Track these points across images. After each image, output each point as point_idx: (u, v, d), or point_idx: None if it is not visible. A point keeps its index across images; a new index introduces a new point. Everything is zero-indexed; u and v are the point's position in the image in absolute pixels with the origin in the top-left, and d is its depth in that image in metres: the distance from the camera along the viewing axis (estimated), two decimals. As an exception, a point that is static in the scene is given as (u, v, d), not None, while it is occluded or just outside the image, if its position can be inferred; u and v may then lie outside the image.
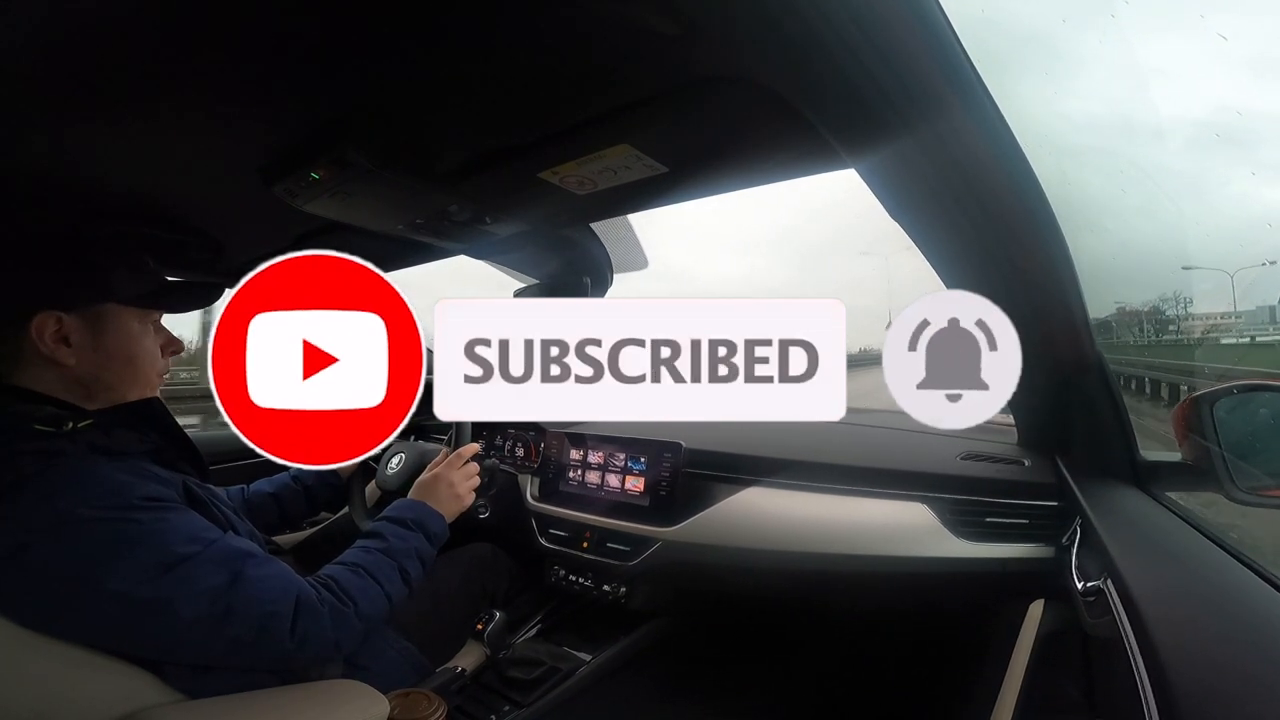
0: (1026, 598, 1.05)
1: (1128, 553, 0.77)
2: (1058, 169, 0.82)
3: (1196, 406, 0.97)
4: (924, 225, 0.89)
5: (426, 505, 1.11)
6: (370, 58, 0.74)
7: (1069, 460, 1.13)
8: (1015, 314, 0.75)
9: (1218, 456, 0.93)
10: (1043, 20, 1.50)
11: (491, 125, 0.89)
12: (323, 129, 0.87)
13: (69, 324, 0.83)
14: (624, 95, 0.80)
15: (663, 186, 1.03)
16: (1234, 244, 10.07)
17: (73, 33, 0.64)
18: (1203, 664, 0.56)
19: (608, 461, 1.49)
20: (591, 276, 1.53)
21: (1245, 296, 6.23)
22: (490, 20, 0.67)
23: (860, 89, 0.65)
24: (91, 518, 0.74)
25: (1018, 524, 1.13)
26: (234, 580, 0.80)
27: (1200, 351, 6.36)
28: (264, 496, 1.32)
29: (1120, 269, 4.23)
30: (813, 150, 0.88)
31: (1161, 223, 6.04)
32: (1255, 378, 1.08)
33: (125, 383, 0.89)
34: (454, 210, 1.10)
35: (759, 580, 1.32)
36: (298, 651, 0.84)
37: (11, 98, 0.76)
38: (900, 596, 1.29)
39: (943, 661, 1.37)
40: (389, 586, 0.96)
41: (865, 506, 1.21)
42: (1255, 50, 40.01)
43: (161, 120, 0.84)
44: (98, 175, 0.99)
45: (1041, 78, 1.14)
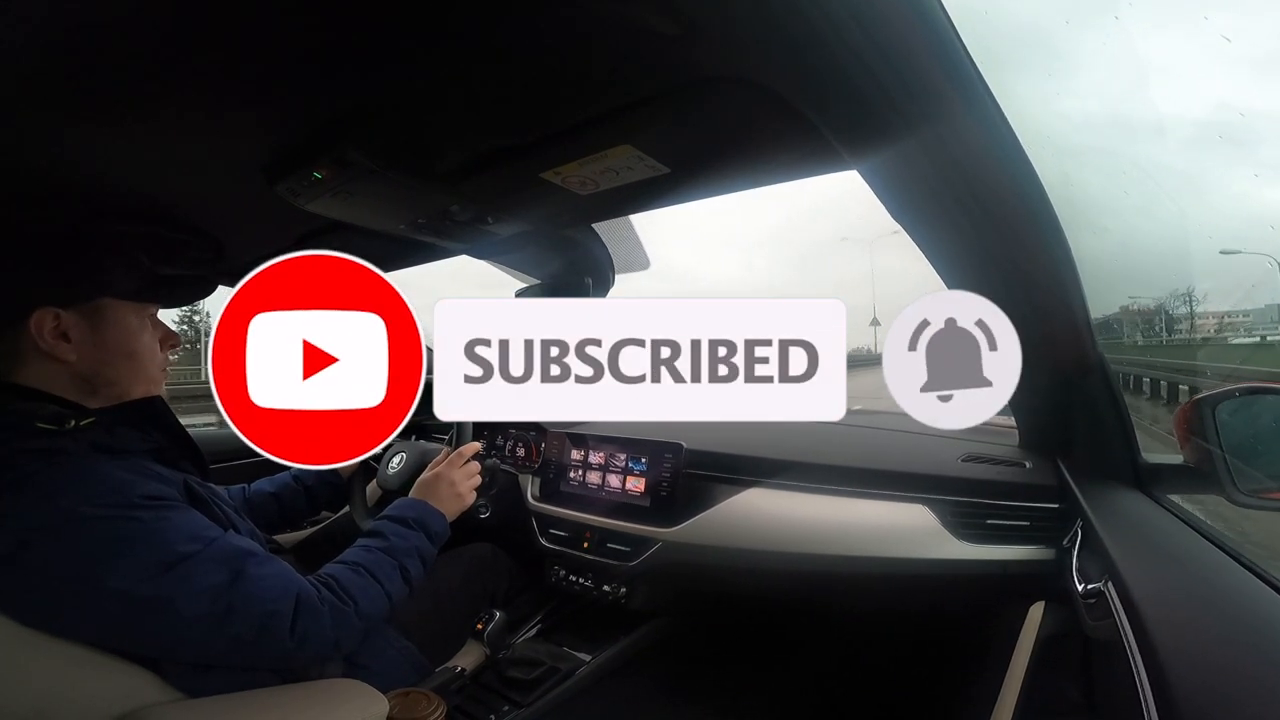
0: (1027, 600, 1.05)
1: (1128, 555, 0.77)
2: (1059, 169, 0.82)
3: (1198, 409, 0.96)
4: (926, 226, 0.89)
5: (428, 504, 1.10)
6: (373, 57, 0.74)
7: (1070, 462, 1.12)
8: (1016, 314, 0.75)
9: (1219, 459, 0.93)
10: (1045, 19, 1.51)
11: (493, 125, 0.90)
12: (325, 128, 0.87)
13: (67, 319, 0.84)
14: (625, 96, 0.80)
15: (664, 187, 1.03)
16: (1236, 243, 9.97)
17: (75, 32, 0.65)
18: (1203, 666, 0.56)
19: (608, 462, 1.49)
20: (593, 277, 1.53)
21: (1248, 297, 6.14)
22: (492, 21, 0.67)
23: (861, 88, 0.65)
24: (93, 516, 0.74)
25: (1018, 526, 1.12)
26: (235, 579, 0.80)
27: (1206, 351, 6.31)
28: (265, 495, 1.32)
29: (1122, 269, 4.13)
30: (814, 151, 0.88)
31: (1163, 222, 5.92)
32: (1260, 379, 1.08)
33: (127, 378, 0.89)
34: (456, 210, 1.10)
35: (759, 581, 1.32)
36: (298, 650, 0.84)
37: (13, 97, 0.76)
38: (900, 598, 1.28)
39: (943, 663, 1.37)
40: (389, 585, 0.96)
41: (866, 508, 1.21)
42: (1259, 48, 38.81)
43: (164, 120, 0.84)
44: (99, 175, 0.99)
45: (1044, 77, 1.14)
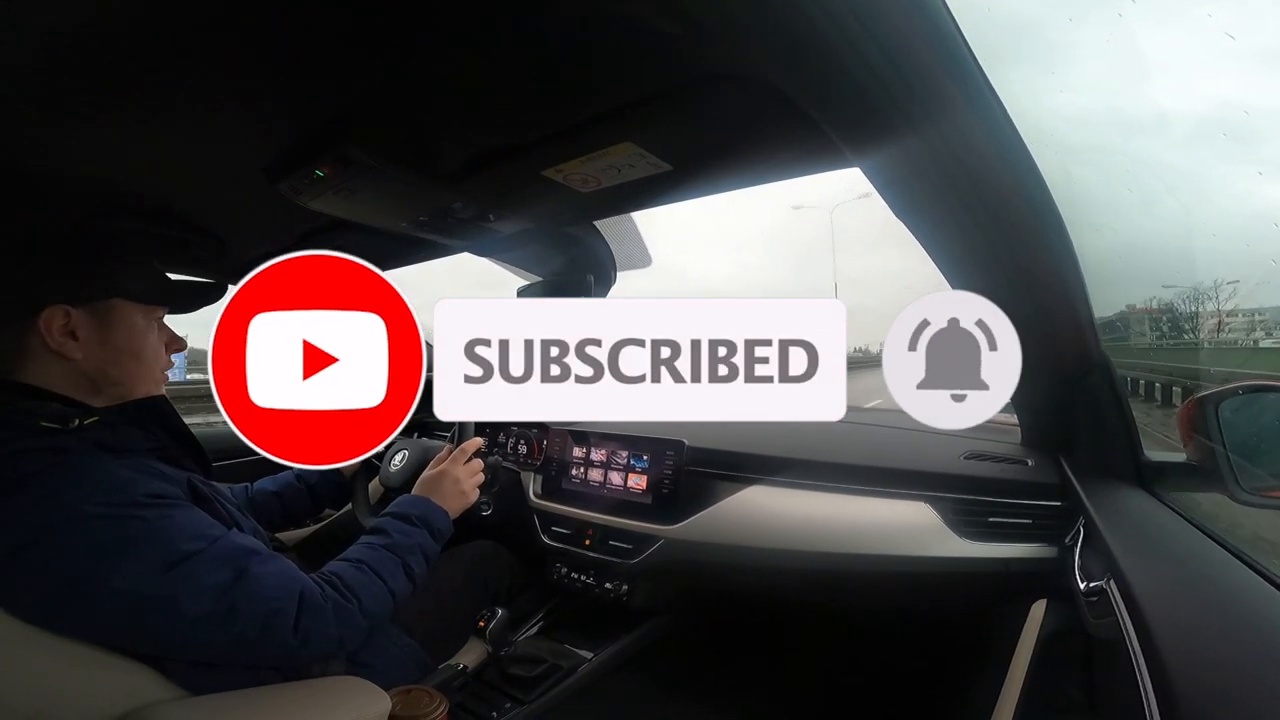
0: (1029, 597, 1.05)
1: (1131, 553, 0.77)
2: (1062, 167, 0.81)
3: (1201, 407, 0.96)
4: (928, 224, 0.89)
5: (431, 501, 1.10)
6: (374, 55, 0.74)
7: (1073, 460, 1.12)
8: (1019, 312, 0.75)
9: (1222, 457, 0.92)
10: (1048, 16, 1.49)
11: (495, 123, 0.90)
12: (327, 126, 0.87)
13: (76, 318, 0.84)
14: (627, 93, 0.80)
15: (666, 184, 1.02)
16: (1241, 243, 9.86)
17: (80, 33, 0.65)
18: (1205, 664, 0.56)
19: (610, 459, 1.49)
20: (595, 274, 1.52)
21: (1251, 296, 6.08)
22: (494, 18, 0.67)
23: (863, 85, 0.65)
24: (96, 514, 0.74)
25: (1021, 524, 1.12)
26: (238, 577, 0.80)
27: (1215, 354, 6.29)
28: (267, 494, 1.32)
29: (1125, 268, 4.11)
30: (816, 148, 0.88)
31: (1165, 221, 5.81)
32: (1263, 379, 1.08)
33: (132, 378, 0.90)
34: (458, 207, 1.10)
35: (761, 579, 1.32)
36: (301, 648, 0.84)
37: (21, 97, 0.76)
38: (902, 596, 1.28)
39: (944, 661, 1.37)
40: (393, 583, 0.96)
41: (868, 506, 1.21)
42: (1264, 44, 38.72)
43: (167, 119, 0.85)
44: (104, 173, 1.00)
45: (1046, 74, 1.13)
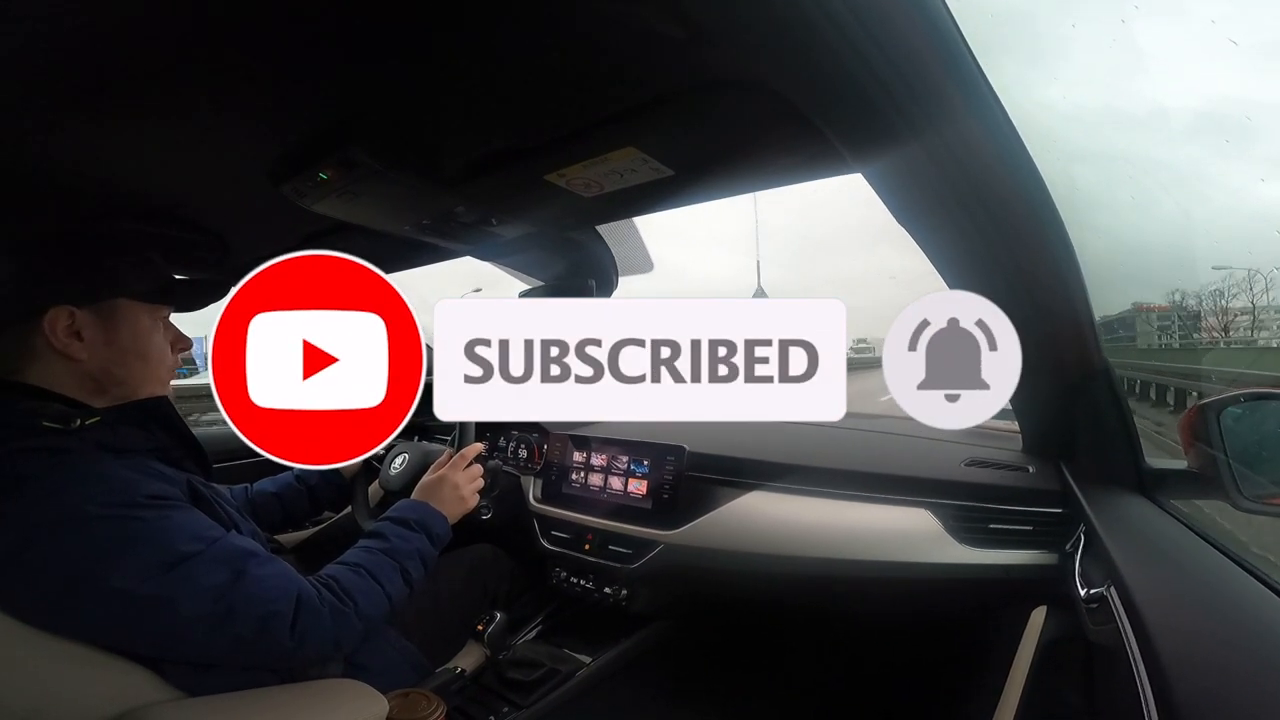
0: (1029, 604, 1.04)
1: (1131, 560, 0.77)
2: (1064, 170, 0.82)
3: (1203, 414, 0.96)
4: (929, 227, 0.89)
5: (429, 506, 1.10)
6: (378, 59, 0.74)
7: (1074, 467, 1.12)
8: (1020, 318, 0.75)
9: (1224, 465, 0.92)
10: (1052, 20, 1.48)
11: (498, 127, 0.90)
12: (330, 130, 0.88)
13: (81, 318, 0.84)
14: (630, 98, 0.81)
15: (668, 189, 1.03)
16: (1242, 243, 9.87)
17: (84, 34, 0.65)
18: (1205, 671, 0.55)
19: (610, 464, 1.49)
20: (597, 279, 1.53)
21: (1257, 296, 6.01)
22: (498, 22, 0.68)
23: (865, 91, 0.65)
24: (96, 515, 0.75)
25: (1021, 530, 1.12)
26: (236, 579, 0.80)
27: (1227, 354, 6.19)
28: (267, 496, 1.32)
29: (1128, 269, 4.08)
30: (818, 154, 0.88)
31: (1166, 221, 5.88)
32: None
33: (137, 378, 0.90)
34: (460, 211, 1.10)
35: (761, 585, 1.31)
36: (298, 650, 0.84)
37: (26, 99, 0.77)
38: (902, 602, 1.28)
39: (944, 667, 1.37)
40: (390, 587, 0.96)
41: (868, 512, 1.20)
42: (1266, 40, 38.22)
43: (171, 121, 0.85)
44: (109, 175, 1.00)
45: (1048, 78, 1.14)
